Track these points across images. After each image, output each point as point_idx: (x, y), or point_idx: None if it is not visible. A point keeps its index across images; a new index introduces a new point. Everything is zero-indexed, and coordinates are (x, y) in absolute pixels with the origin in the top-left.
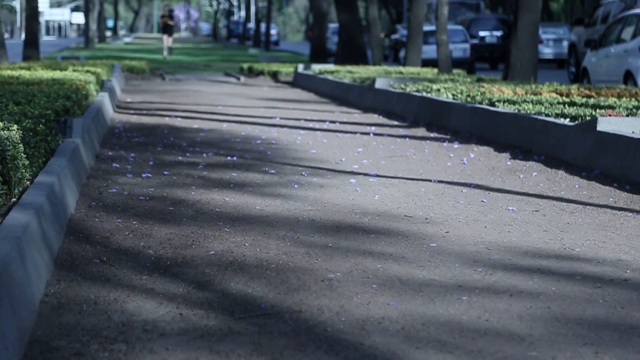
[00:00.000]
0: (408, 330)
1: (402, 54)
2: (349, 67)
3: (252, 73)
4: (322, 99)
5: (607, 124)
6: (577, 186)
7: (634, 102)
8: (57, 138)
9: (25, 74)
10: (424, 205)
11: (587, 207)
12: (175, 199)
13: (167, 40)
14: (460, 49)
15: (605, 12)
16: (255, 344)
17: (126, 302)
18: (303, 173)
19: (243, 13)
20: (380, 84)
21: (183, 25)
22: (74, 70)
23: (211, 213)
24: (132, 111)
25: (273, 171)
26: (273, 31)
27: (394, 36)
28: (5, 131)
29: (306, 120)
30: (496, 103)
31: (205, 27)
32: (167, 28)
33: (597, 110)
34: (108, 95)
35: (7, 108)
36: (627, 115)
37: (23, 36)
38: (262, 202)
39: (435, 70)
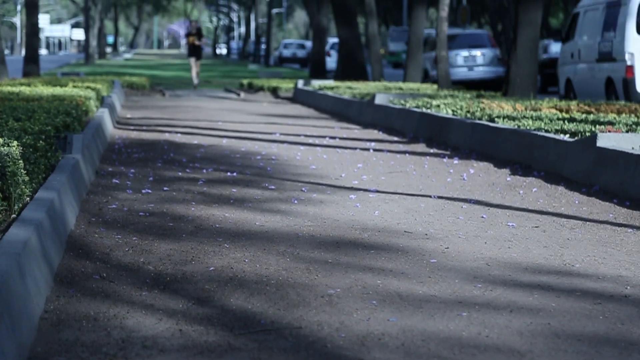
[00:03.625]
0: (408, 346)
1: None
2: (348, 83)
3: (251, 89)
4: (322, 114)
5: (606, 140)
6: (577, 202)
7: (633, 118)
8: (57, 154)
9: (26, 90)
10: (423, 221)
11: (587, 223)
12: (175, 214)
13: (195, 65)
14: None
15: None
16: None
17: (126, 318)
18: (303, 189)
19: (243, 29)
20: (380, 99)
21: (183, 41)
22: (74, 87)
23: (211, 229)
24: (132, 127)
25: (273, 187)
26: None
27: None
28: (5, 147)
29: (306, 136)
30: (496, 119)
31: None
32: (194, 50)
33: (597, 126)
34: (108, 111)
35: (7, 124)
36: (627, 132)
37: (23, 52)
38: (262, 217)
39: (435, 86)
